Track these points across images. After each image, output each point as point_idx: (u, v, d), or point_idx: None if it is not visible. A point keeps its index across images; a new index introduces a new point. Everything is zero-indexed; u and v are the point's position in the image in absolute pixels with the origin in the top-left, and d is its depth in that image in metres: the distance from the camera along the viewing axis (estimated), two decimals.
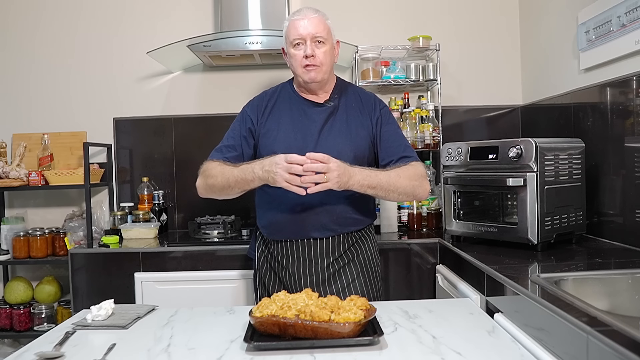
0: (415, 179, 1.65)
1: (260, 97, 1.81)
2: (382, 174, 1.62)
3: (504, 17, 2.95)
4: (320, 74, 1.68)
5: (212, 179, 1.66)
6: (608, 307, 1.38)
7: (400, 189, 1.62)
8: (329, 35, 1.70)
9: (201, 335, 1.28)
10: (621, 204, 1.97)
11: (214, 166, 1.69)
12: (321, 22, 1.68)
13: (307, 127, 1.70)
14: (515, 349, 1.14)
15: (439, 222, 2.61)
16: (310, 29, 1.66)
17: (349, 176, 1.53)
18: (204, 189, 1.71)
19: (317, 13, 1.69)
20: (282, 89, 1.81)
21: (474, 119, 2.95)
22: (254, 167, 1.58)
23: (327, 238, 1.69)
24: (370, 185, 1.58)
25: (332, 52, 1.72)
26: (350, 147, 1.67)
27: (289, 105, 1.75)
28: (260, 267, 1.80)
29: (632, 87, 1.87)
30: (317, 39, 1.66)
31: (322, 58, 1.67)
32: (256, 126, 1.73)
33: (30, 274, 2.93)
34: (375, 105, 1.78)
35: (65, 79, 2.97)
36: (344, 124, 1.71)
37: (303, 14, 1.68)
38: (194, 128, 2.94)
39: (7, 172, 2.69)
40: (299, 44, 1.67)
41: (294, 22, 1.68)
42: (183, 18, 2.94)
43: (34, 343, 1.25)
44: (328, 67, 1.70)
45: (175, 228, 2.94)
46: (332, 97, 1.76)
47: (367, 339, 1.14)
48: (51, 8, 2.97)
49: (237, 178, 1.61)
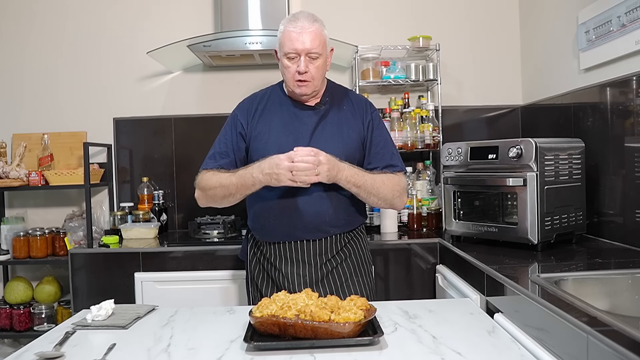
0: (397, 189, 1.71)
1: (250, 100, 1.80)
2: (369, 176, 1.66)
3: (504, 17, 2.95)
4: (311, 88, 1.68)
5: (212, 190, 1.67)
6: (608, 307, 1.38)
7: (382, 195, 1.68)
8: (324, 49, 1.67)
9: (201, 335, 1.28)
10: (621, 204, 1.97)
11: (209, 177, 1.69)
12: (317, 36, 1.64)
13: (298, 129, 1.69)
14: (515, 349, 1.14)
15: (439, 222, 2.61)
16: (307, 44, 1.62)
17: (338, 170, 1.57)
18: (205, 200, 1.73)
19: (314, 24, 1.65)
20: (273, 91, 1.80)
21: (474, 119, 2.95)
22: (252, 171, 1.58)
23: (319, 239, 1.69)
24: (356, 184, 1.62)
25: (325, 64, 1.70)
26: (342, 150, 1.67)
27: (279, 108, 1.74)
28: (253, 269, 1.80)
29: (632, 87, 1.87)
30: (311, 55, 1.64)
31: (314, 73, 1.65)
32: (247, 130, 1.73)
33: (30, 274, 2.93)
34: (366, 108, 1.78)
35: (65, 79, 2.97)
36: (335, 127, 1.71)
37: (300, 26, 1.63)
38: (194, 128, 2.94)
39: (7, 172, 2.69)
40: (293, 58, 1.65)
41: (289, 33, 1.63)
42: (183, 18, 2.94)
43: (34, 343, 1.25)
44: (319, 80, 1.69)
45: (175, 228, 2.94)
46: (323, 100, 1.75)
47: (367, 339, 1.14)
48: (51, 8, 2.97)
49: (237, 185, 1.62)
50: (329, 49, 1.73)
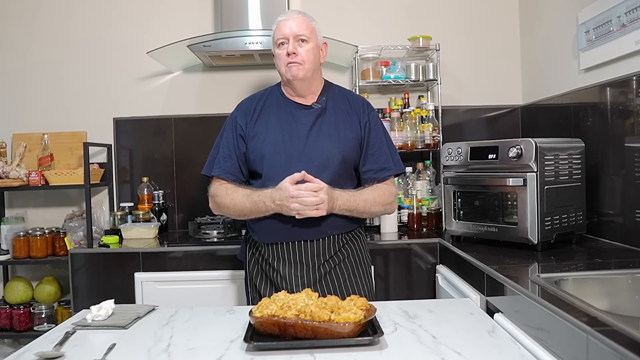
0: (388, 202, 1.76)
1: (249, 101, 1.82)
2: (360, 199, 1.69)
3: (504, 17, 2.95)
4: (302, 72, 1.69)
5: (226, 208, 1.73)
6: (608, 307, 1.38)
7: (373, 213, 1.77)
8: (313, 35, 1.72)
9: (201, 335, 1.28)
10: (621, 204, 1.97)
11: (221, 193, 1.72)
12: (304, 22, 1.71)
13: (294, 129, 1.71)
14: (515, 349, 1.14)
15: (439, 222, 2.61)
16: (294, 27, 1.69)
17: (333, 201, 1.63)
18: (219, 212, 1.78)
19: (301, 14, 1.74)
20: (271, 92, 1.82)
21: (474, 119, 2.95)
22: (264, 200, 1.62)
23: (317, 240, 1.69)
24: (349, 209, 1.68)
25: (316, 51, 1.73)
26: (338, 150, 1.69)
27: (276, 108, 1.76)
28: (251, 270, 1.81)
29: (632, 87, 1.87)
30: (300, 38, 1.69)
31: (305, 56, 1.69)
32: (245, 131, 1.75)
33: (30, 274, 2.93)
34: (363, 108, 1.79)
35: (65, 79, 2.97)
36: (332, 127, 1.72)
37: (287, 15, 1.73)
38: (194, 128, 2.94)
39: (7, 172, 2.69)
40: (282, 44, 1.71)
41: (278, 23, 1.73)
42: (183, 18, 2.94)
43: (34, 343, 1.25)
44: (311, 65, 1.71)
45: (175, 228, 2.94)
46: (319, 99, 1.77)
47: (367, 339, 1.14)
48: (51, 8, 2.97)
49: (250, 210, 1.67)
50: (321, 40, 1.78)
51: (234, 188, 1.72)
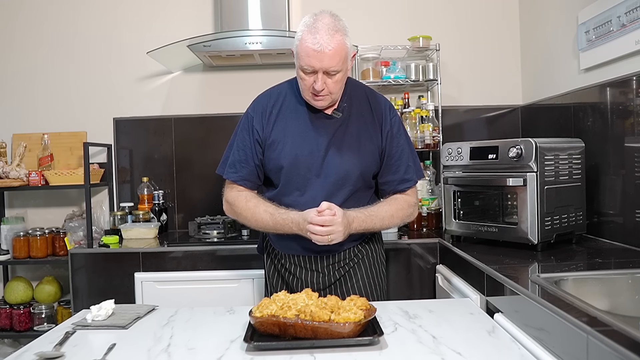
0: (407, 214, 1.71)
1: (264, 101, 1.68)
2: (378, 217, 1.63)
3: (504, 17, 2.95)
4: (328, 101, 1.58)
5: (244, 219, 1.66)
6: (608, 307, 1.38)
7: (392, 225, 1.72)
8: (345, 63, 1.53)
9: (201, 335, 1.28)
10: (621, 204, 1.97)
11: (241, 204, 1.65)
12: (337, 52, 1.48)
13: (314, 141, 1.61)
14: (515, 349, 1.14)
15: (439, 222, 2.61)
16: (325, 62, 1.48)
17: (349, 226, 1.55)
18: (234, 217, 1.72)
19: (334, 38, 1.47)
20: (288, 92, 1.68)
21: (474, 119, 2.95)
22: (290, 224, 1.57)
23: (335, 253, 1.69)
24: (366, 229, 1.63)
25: (344, 75, 1.57)
26: (357, 166, 1.63)
27: (295, 115, 1.64)
28: (268, 269, 1.81)
29: (632, 87, 1.87)
30: (329, 72, 1.50)
31: (332, 87, 1.53)
32: (262, 135, 1.65)
33: (30, 274, 2.93)
34: (385, 115, 1.68)
35: (66, 79, 2.97)
36: (352, 139, 1.63)
37: (319, 43, 1.46)
38: (194, 128, 2.94)
39: (7, 172, 2.69)
40: (309, 72, 1.52)
41: (307, 47, 1.48)
42: (183, 18, 2.94)
43: (34, 343, 1.25)
44: (338, 92, 1.58)
45: (175, 228, 2.94)
46: (340, 106, 1.65)
47: (367, 339, 1.14)
48: (51, 8, 2.97)
49: (273, 228, 1.62)
50: (351, 54, 1.58)
51: (255, 200, 1.65)
